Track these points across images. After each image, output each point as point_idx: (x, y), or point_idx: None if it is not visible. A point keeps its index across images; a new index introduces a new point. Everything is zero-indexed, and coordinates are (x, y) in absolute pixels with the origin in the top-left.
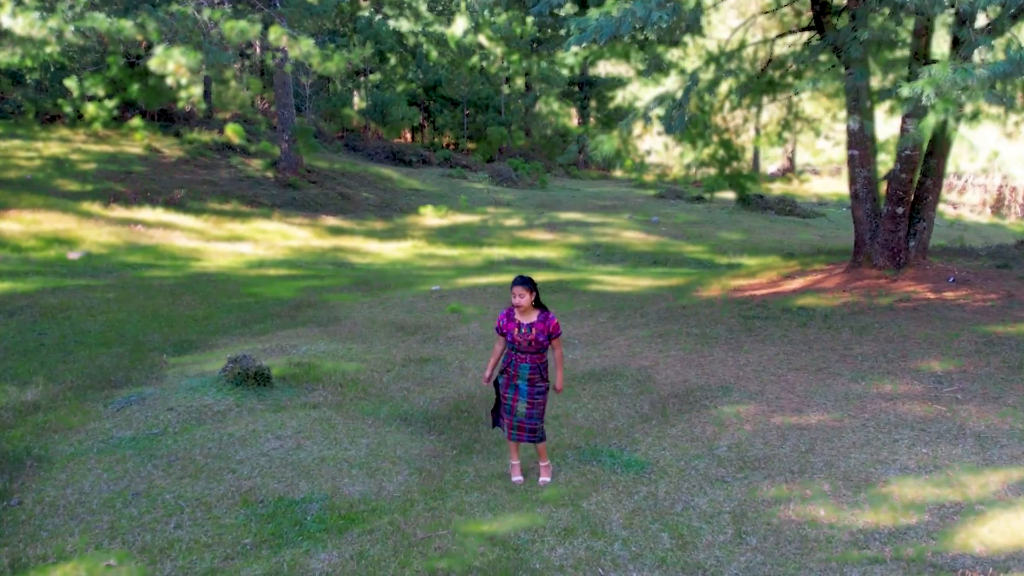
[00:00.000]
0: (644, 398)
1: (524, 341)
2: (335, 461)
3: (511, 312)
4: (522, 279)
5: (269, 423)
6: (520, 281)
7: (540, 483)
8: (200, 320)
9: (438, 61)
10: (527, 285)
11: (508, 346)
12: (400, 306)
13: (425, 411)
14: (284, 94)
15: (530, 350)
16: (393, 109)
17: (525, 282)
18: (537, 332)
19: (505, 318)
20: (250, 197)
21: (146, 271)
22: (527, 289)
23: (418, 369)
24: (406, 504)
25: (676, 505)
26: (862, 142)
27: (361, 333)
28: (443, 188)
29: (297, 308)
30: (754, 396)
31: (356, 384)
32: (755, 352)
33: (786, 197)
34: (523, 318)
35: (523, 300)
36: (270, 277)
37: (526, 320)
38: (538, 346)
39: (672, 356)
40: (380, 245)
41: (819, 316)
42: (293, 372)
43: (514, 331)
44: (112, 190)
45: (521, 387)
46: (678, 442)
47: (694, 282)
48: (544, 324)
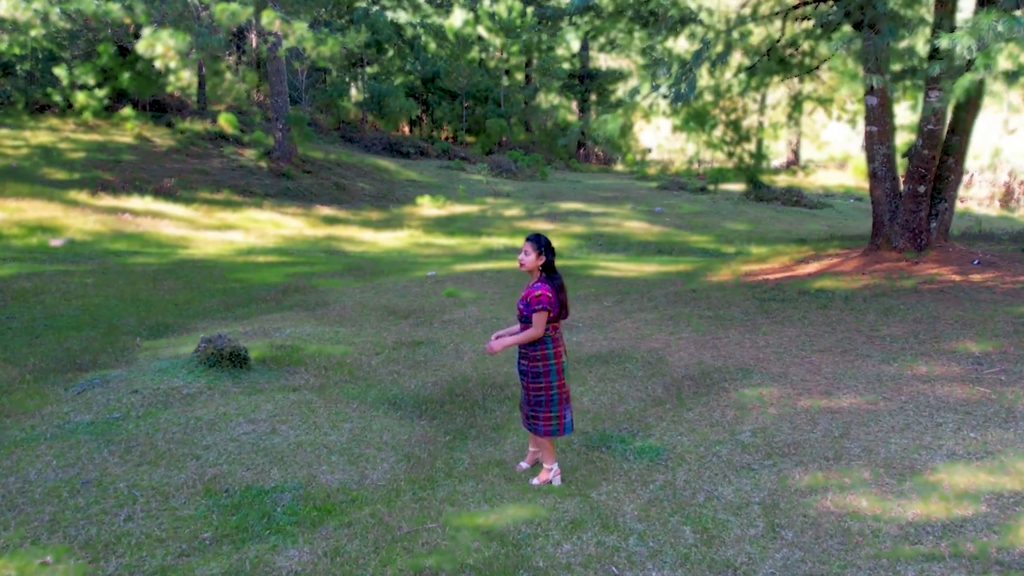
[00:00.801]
0: (656, 381)
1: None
2: (313, 447)
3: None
4: (533, 235)
5: (242, 406)
6: (529, 237)
7: (531, 482)
8: (180, 304)
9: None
10: (534, 242)
11: None
12: (393, 291)
13: (416, 395)
14: (278, 81)
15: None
16: (390, 100)
17: (533, 239)
18: (520, 299)
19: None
20: (242, 186)
21: (130, 258)
22: (533, 246)
23: (410, 352)
24: (391, 494)
25: (698, 495)
26: (881, 118)
27: (350, 317)
28: (441, 179)
29: (284, 293)
30: (777, 378)
31: (342, 367)
32: (774, 334)
33: (792, 188)
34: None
35: (526, 259)
36: (258, 264)
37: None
38: (519, 315)
39: (684, 338)
40: (375, 234)
41: (839, 298)
42: (274, 355)
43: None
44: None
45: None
46: (696, 427)
47: (702, 268)
48: (527, 291)
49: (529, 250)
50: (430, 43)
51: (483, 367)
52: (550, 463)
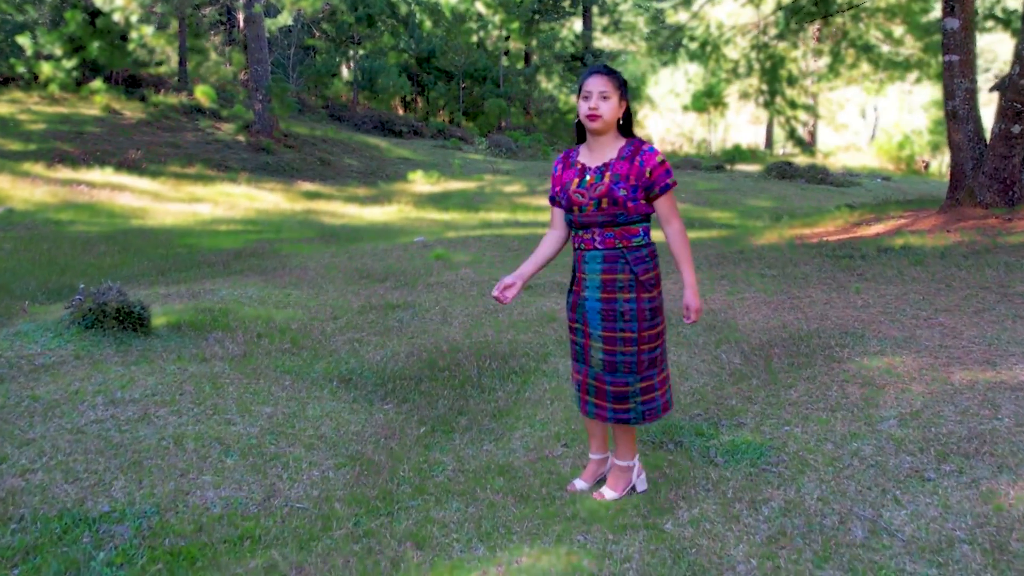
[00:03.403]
0: (729, 348)
1: (588, 200)
2: (199, 444)
3: (569, 155)
4: (602, 66)
5: (109, 381)
6: (597, 68)
7: (597, 495)
8: (105, 269)
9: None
10: (609, 76)
11: (567, 219)
12: (370, 255)
13: (381, 369)
14: (257, 48)
15: (598, 219)
16: (383, 78)
17: (604, 71)
18: (614, 180)
19: (561, 164)
20: (217, 160)
21: (70, 226)
22: (612, 81)
23: (380, 317)
24: (311, 527)
25: (851, 527)
26: (963, 44)
27: (310, 279)
28: (436, 158)
29: (236, 257)
30: (903, 344)
31: (282, 333)
32: (870, 292)
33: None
34: (592, 155)
35: (604, 105)
36: (219, 232)
37: (597, 159)
38: (618, 209)
39: (749, 298)
40: (360, 209)
41: (933, 256)
42: (193, 318)
43: (570, 184)
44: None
45: (590, 306)
46: (808, 412)
47: (740, 233)
48: (633, 162)
49: (608, 89)
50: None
51: (479, 333)
52: (631, 457)
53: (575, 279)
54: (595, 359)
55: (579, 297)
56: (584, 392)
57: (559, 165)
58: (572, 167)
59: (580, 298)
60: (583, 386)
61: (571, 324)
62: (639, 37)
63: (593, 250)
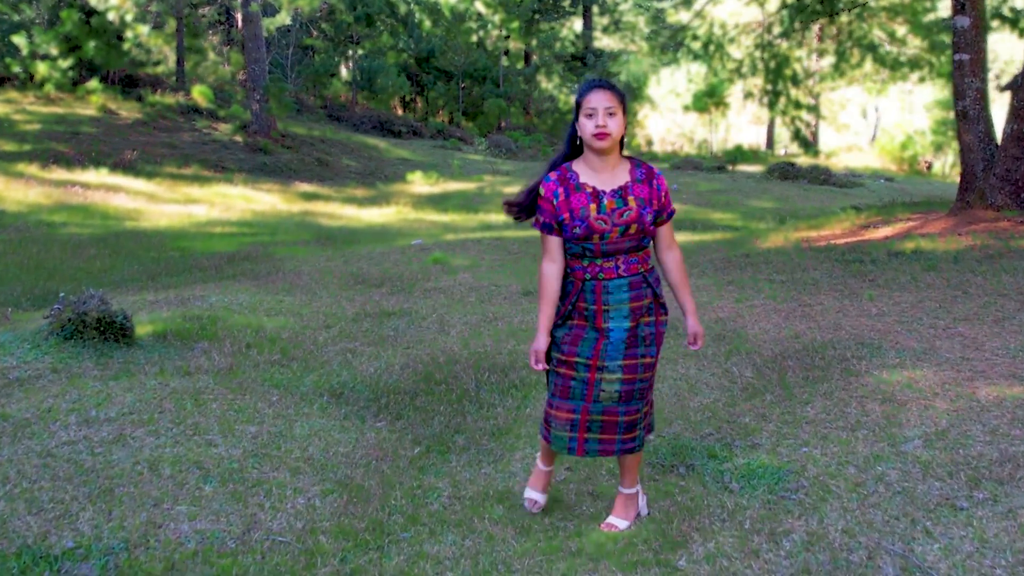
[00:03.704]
0: (740, 361)
1: (612, 227)
2: (177, 468)
3: (567, 176)
4: (603, 80)
5: (85, 398)
6: (601, 84)
7: (605, 526)
8: (94, 273)
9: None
10: (616, 91)
11: (573, 251)
12: (366, 259)
13: (374, 382)
14: (255, 48)
15: (625, 246)
16: (381, 78)
17: (607, 85)
18: (641, 204)
19: (558, 188)
20: (214, 161)
21: (62, 228)
22: (617, 97)
23: (374, 325)
24: (294, 562)
25: (881, 563)
26: (974, 43)
27: (304, 284)
28: (435, 158)
29: (230, 261)
30: (922, 357)
31: (272, 343)
32: (884, 299)
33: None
34: (599, 176)
35: (612, 123)
36: (214, 234)
37: (608, 181)
38: (643, 234)
39: (758, 306)
40: (358, 210)
41: (945, 260)
42: (180, 327)
43: (586, 211)
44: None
45: (616, 336)
46: (826, 431)
47: (744, 236)
48: (651, 186)
49: (614, 105)
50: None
51: (477, 343)
52: (637, 483)
53: (581, 312)
54: (607, 392)
55: (592, 331)
56: (583, 431)
57: (558, 189)
58: (579, 191)
59: (594, 331)
60: (581, 425)
61: (569, 359)
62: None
63: (618, 278)
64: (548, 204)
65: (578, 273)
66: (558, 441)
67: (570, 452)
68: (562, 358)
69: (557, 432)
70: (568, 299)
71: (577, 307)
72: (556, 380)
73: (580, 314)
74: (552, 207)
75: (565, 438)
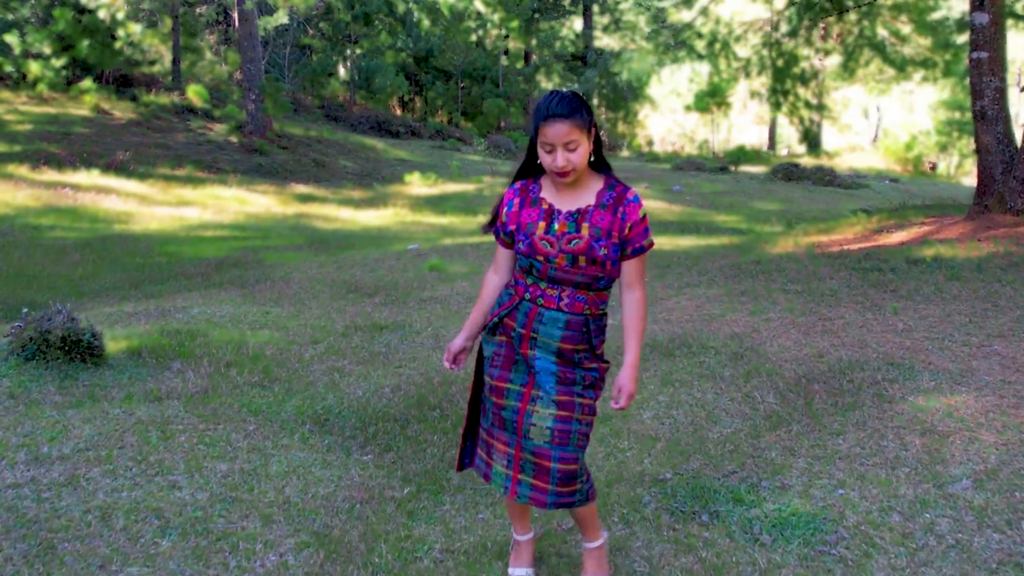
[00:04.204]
0: (761, 384)
1: (558, 253)
2: (131, 519)
3: (529, 187)
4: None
5: (39, 431)
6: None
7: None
8: (75, 281)
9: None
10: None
11: (521, 264)
12: (360, 265)
13: (362, 407)
14: (250, 47)
15: (576, 279)
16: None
17: (572, 103)
18: (595, 235)
19: (515, 198)
20: (208, 162)
21: (49, 232)
22: (579, 124)
23: (365, 340)
24: None
25: None
26: (992, 40)
27: (294, 294)
28: (434, 159)
29: (218, 268)
30: (960, 380)
31: (254, 362)
32: (909, 313)
33: (823, 167)
34: (560, 193)
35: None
36: (204, 238)
37: (568, 200)
38: (598, 271)
39: (775, 319)
40: (355, 213)
41: (968, 269)
42: (157, 343)
43: (533, 228)
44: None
45: (542, 367)
46: (862, 469)
47: (752, 241)
48: (616, 213)
49: (575, 135)
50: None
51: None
52: (601, 534)
53: (509, 330)
54: (539, 428)
55: (520, 354)
56: (516, 470)
57: (515, 199)
58: (535, 205)
59: (521, 355)
60: (515, 462)
61: (498, 384)
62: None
63: (555, 311)
64: (502, 212)
65: (519, 289)
66: (498, 478)
67: (504, 492)
68: (492, 383)
69: (497, 467)
70: (500, 309)
71: (505, 323)
72: (490, 406)
73: (506, 331)
74: (503, 215)
75: (503, 474)
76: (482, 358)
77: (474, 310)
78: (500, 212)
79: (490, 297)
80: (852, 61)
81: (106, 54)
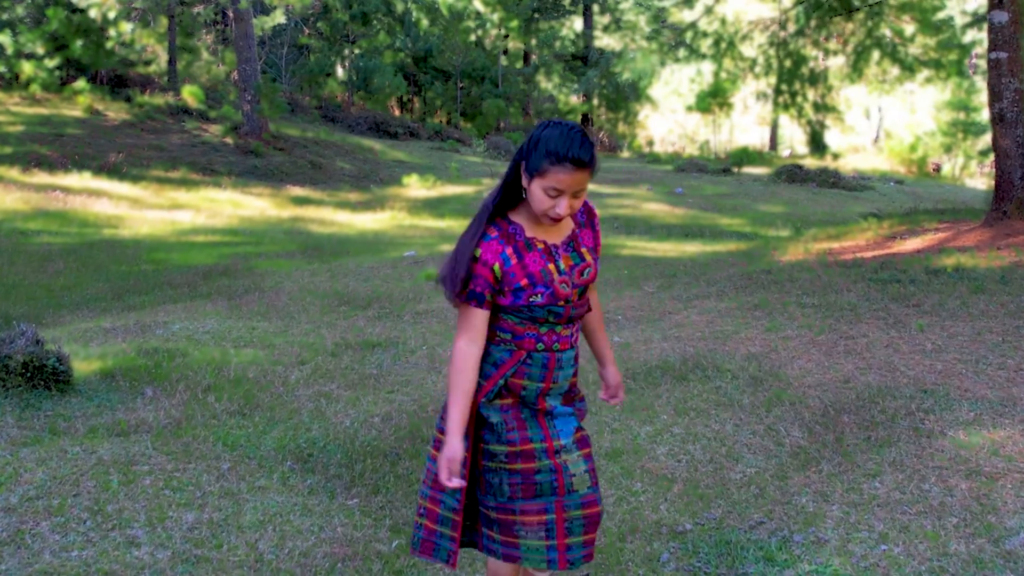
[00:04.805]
0: (784, 414)
1: (574, 289)
2: None
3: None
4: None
5: None
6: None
7: None
8: (56, 291)
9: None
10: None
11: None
12: (354, 274)
13: (349, 440)
14: (246, 47)
15: (582, 308)
16: (378, 77)
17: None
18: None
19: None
20: (203, 164)
21: (35, 237)
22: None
23: (355, 360)
24: None
25: None
26: (1011, 40)
27: (283, 307)
28: (432, 160)
29: (206, 276)
30: (1001, 410)
31: (234, 387)
32: (936, 331)
33: (827, 169)
34: (547, 230)
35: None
36: (195, 244)
37: (554, 232)
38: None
39: (793, 337)
40: (351, 216)
41: (992, 280)
42: (133, 364)
43: (549, 275)
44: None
45: (560, 412)
46: (905, 519)
47: (760, 247)
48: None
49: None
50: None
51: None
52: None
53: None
54: (579, 478)
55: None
56: (562, 535)
57: (506, 250)
58: (531, 249)
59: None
60: (559, 528)
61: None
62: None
63: (570, 349)
64: (487, 271)
65: (527, 342)
66: (534, 554)
67: (550, 566)
68: (514, 450)
69: (530, 542)
70: (501, 372)
71: (511, 383)
72: (510, 479)
73: (513, 392)
74: (492, 274)
75: (542, 548)
76: (482, 428)
77: (458, 398)
78: (483, 273)
79: (471, 379)
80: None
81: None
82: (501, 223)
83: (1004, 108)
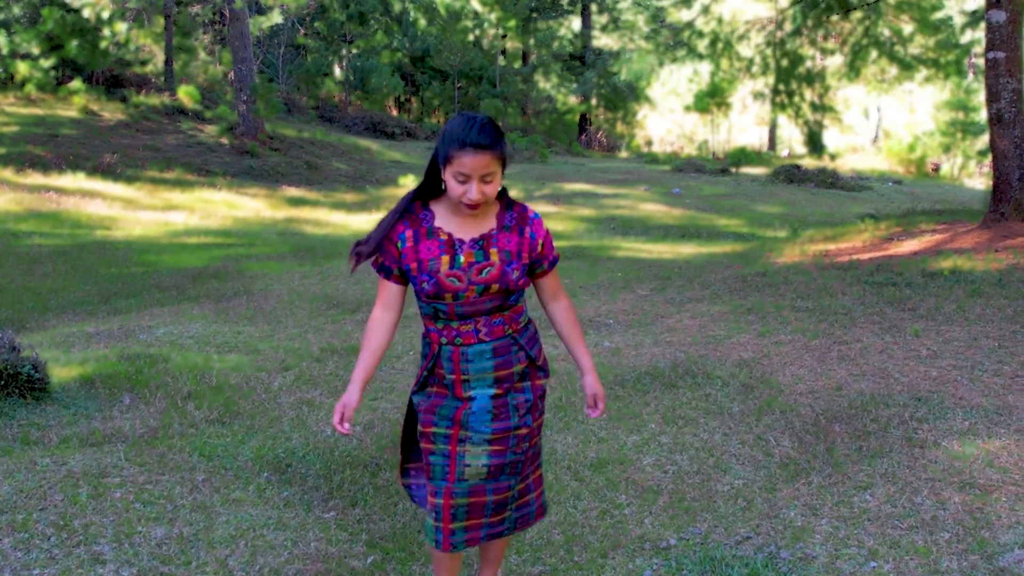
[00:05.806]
0: (774, 423)
1: (468, 286)
2: None
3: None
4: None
5: None
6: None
7: None
8: (43, 294)
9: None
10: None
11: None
12: (345, 276)
13: (329, 450)
14: (242, 47)
15: (485, 307)
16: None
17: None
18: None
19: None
20: (198, 165)
21: (26, 239)
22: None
23: (340, 366)
24: None
25: None
26: (1010, 39)
27: (270, 310)
28: None
29: (196, 279)
30: (996, 419)
31: (215, 394)
32: (932, 336)
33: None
34: (459, 221)
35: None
36: (186, 245)
37: (469, 228)
38: (509, 292)
39: (785, 343)
40: (347, 216)
41: (989, 283)
42: (112, 371)
43: (436, 264)
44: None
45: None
46: (895, 534)
47: (756, 248)
48: (523, 234)
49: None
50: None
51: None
52: None
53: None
54: (473, 468)
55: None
56: (447, 520)
57: (406, 231)
58: (431, 236)
59: (455, 399)
60: (445, 512)
61: (426, 430)
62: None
63: (478, 344)
64: (392, 246)
65: (433, 336)
66: (429, 531)
67: (437, 546)
68: (420, 430)
69: (428, 520)
70: (425, 363)
71: (435, 373)
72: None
73: (439, 381)
74: (396, 251)
75: (437, 530)
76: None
77: (362, 354)
78: (389, 248)
79: (376, 340)
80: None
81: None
82: (415, 207)
83: (1002, 108)
